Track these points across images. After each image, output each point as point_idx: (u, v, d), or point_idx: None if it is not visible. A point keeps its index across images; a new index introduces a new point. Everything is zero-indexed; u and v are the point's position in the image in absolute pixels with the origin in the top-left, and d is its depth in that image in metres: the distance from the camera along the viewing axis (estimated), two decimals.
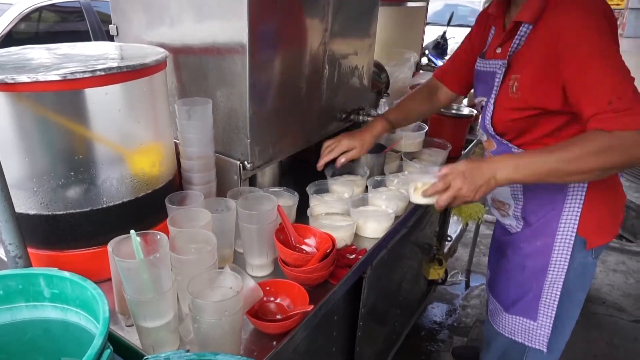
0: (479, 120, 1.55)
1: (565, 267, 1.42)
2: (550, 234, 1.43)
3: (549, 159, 1.14)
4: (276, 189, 1.44)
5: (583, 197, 1.36)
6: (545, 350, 1.52)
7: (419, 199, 1.31)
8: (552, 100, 1.24)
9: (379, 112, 1.96)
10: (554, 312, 1.48)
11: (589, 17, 1.14)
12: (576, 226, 1.38)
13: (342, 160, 1.58)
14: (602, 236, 1.42)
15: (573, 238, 1.39)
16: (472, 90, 1.66)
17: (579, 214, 1.37)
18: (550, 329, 1.50)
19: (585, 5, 1.16)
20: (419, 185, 1.30)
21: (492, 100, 1.38)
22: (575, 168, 1.12)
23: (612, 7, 1.17)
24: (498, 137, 1.42)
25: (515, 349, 1.61)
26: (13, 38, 3.74)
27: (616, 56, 1.12)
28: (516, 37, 1.30)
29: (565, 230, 1.40)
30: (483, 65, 1.46)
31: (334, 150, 1.59)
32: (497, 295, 1.66)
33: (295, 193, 1.42)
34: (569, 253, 1.40)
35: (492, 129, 1.41)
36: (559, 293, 1.45)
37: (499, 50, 1.39)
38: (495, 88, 1.37)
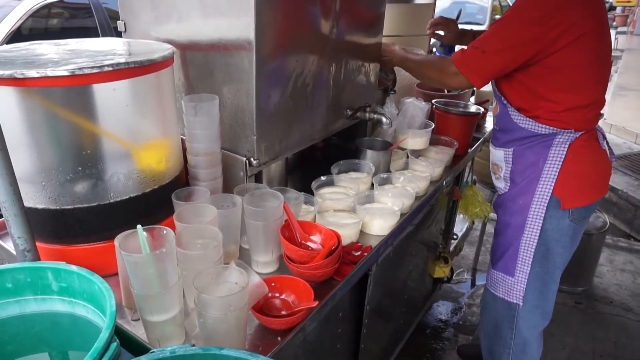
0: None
1: (540, 223, 1.62)
2: (530, 192, 1.64)
3: (413, 59, 1.80)
4: (282, 187, 1.44)
5: (561, 163, 1.59)
6: (520, 303, 1.73)
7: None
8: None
9: (386, 109, 1.96)
10: (529, 268, 1.68)
11: (527, 3, 1.47)
12: (552, 186, 1.59)
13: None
14: (576, 198, 1.61)
15: (548, 197, 1.60)
16: (479, 88, 1.67)
17: (555, 176, 1.59)
18: (525, 284, 1.70)
19: None
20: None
21: None
22: (417, 70, 1.80)
23: (622, 4, 1.20)
24: (501, 98, 1.69)
25: (508, 316, 1.79)
26: (22, 34, 3.75)
27: (505, 26, 1.51)
28: None
29: (542, 190, 1.61)
30: None
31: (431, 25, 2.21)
32: (491, 253, 1.89)
33: (301, 193, 1.41)
34: (544, 210, 1.61)
35: (497, 89, 1.72)
36: (533, 250, 1.65)
37: None
38: None
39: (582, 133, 1.59)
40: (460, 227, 2.92)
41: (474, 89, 2.60)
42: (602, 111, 1.67)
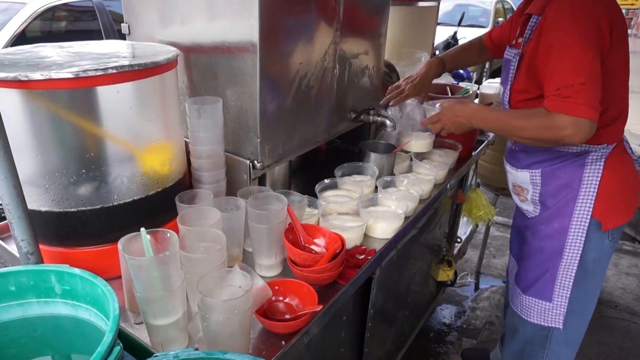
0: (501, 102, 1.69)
1: (581, 248, 1.51)
2: (566, 216, 1.52)
3: (504, 122, 1.46)
4: (285, 190, 1.44)
5: (598, 182, 1.47)
6: (561, 327, 1.61)
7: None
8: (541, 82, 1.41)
9: (389, 112, 1.96)
10: (569, 293, 1.57)
11: (572, 14, 1.30)
12: (591, 208, 1.48)
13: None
14: (616, 218, 1.51)
15: (588, 219, 1.49)
16: (482, 90, 1.67)
17: (594, 196, 1.48)
18: (565, 308, 1.59)
19: (577, 3, 1.30)
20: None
21: (508, 86, 1.56)
22: (519, 134, 1.43)
23: (626, 7, 1.20)
24: None
25: (540, 335, 1.69)
26: (27, 37, 3.77)
27: (575, 51, 1.29)
28: (527, 28, 1.47)
29: (580, 212, 1.50)
30: (508, 54, 1.61)
31: (400, 98, 1.87)
32: (517, 278, 1.75)
33: (304, 196, 1.41)
34: (584, 234, 1.50)
35: (509, 108, 1.58)
36: (574, 274, 1.54)
37: (520, 40, 1.54)
38: (511, 75, 1.54)
39: (614, 146, 1.49)
40: (464, 230, 2.91)
41: (478, 91, 2.60)
42: None
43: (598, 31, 1.29)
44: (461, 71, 4.80)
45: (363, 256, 1.32)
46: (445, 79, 2.63)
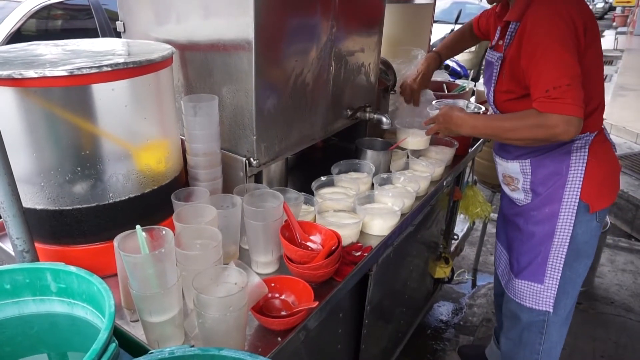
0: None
1: (570, 230, 1.61)
2: (557, 201, 1.62)
3: (496, 126, 1.54)
4: (282, 188, 1.44)
5: (584, 167, 1.57)
6: (551, 310, 1.71)
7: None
8: (525, 84, 1.49)
9: (386, 109, 1.96)
10: (560, 275, 1.66)
11: (550, 20, 1.40)
12: (579, 192, 1.58)
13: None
14: (603, 200, 1.62)
15: (577, 203, 1.59)
16: (478, 87, 1.68)
17: (581, 181, 1.58)
18: (556, 291, 1.68)
19: (552, 9, 1.40)
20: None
21: (492, 87, 1.67)
22: (512, 136, 1.50)
23: (622, 4, 1.22)
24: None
25: (537, 321, 1.76)
26: (22, 35, 3.76)
27: (558, 54, 1.37)
28: (507, 34, 1.56)
29: (569, 196, 1.60)
30: (490, 56, 1.70)
31: (415, 97, 2.07)
32: (510, 264, 1.84)
33: (301, 194, 1.41)
34: (574, 217, 1.60)
35: (495, 108, 1.71)
36: (564, 256, 1.64)
37: (500, 43, 1.64)
38: (494, 76, 1.64)
39: (597, 133, 1.59)
40: (460, 227, 2.92)
41: (475, 89, 2.61)
42: None
43: (575, 34, 1.39)
44: (458, 68, 4.81)
45: (359, 253, 1.32)
46: (442, 76, 2.63)
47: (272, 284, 1.09)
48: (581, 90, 1.37)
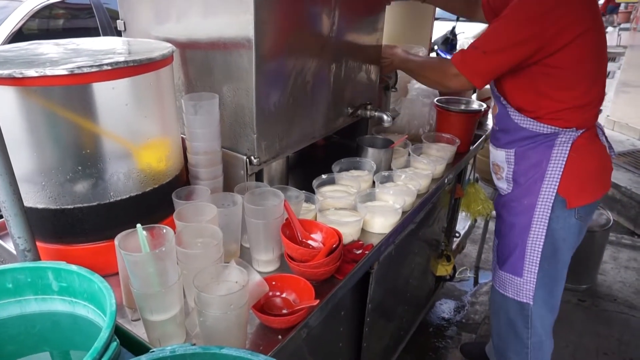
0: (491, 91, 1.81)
1: (546, 223, 1.62)
2: (534, 193, 1.64)
3: (414, 60, 1.79)
4: (283, 186, 1.44)
5: (564, 162, 1.58)
6: (531, 302, 1.74)
7: None
8: None
9: (387, 107, 1.96)
10: (537, 268, 1.68)
11: (519, 7, 1.46)
12: (557, 186, 1.59)
13: None
14: (582, 197, 1.61)
15: (553, 197, 1.60)
16: (481, 89, 1.68)
17: (559, 175, 1.59)
18: (534, 284, 1.71)
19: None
20: None
21: None
22: (420, 71, 1.76)
23: (626, 1, 1.21)
24: (500, 98, 1.69)
25: (522, 315, 1.79)
26: (24, 34, 3.76)
27: (504, 26, 1.48)
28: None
29: (547, 189, 1.61)
30: None
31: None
32: (496, 254, 1.87)
33: (302, 192, 1.41)
34: (549, 211, 1.61)
35: (495, 89, 1.72)
36: (540, 250, 1.65)
37: None
38: None
39: (584, 131, 1.59)
40: (462, 225, 2.92)
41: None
42: (601, 107, 1.67)
43: (541, 26, 1.42)
44: None
45: (360, 251, 1.32)
46: None
47: (273, 282, 1.09)
48: (495, 67, 1.51)
